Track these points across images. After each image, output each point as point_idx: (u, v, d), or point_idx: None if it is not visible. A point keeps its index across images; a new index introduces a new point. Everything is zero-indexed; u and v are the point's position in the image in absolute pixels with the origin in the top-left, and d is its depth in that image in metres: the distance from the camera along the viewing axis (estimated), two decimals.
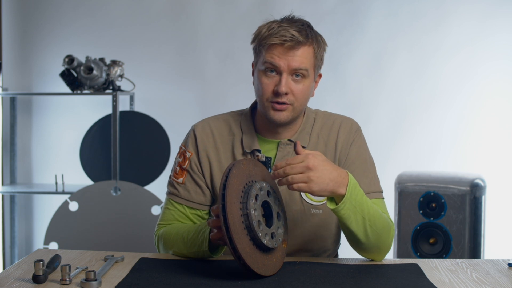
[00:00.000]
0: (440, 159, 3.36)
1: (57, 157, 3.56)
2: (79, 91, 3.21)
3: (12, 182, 3.49)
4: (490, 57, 3.29)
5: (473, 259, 1.60)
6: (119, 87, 3.28)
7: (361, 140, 1.67)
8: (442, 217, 2.58)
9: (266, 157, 1.60)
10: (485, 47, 3.29)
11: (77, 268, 1.40)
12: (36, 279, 1.30)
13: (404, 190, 2.65)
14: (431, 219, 2.61)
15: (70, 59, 3.12)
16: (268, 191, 1.42)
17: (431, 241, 2.62)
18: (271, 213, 1.41)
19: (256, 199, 1.36)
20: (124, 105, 3.45)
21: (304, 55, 1.52)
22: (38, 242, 3.58)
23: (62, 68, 3.19)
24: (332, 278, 1.36)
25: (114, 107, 3.19)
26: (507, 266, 1.50)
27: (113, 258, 1.49)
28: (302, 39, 1.51)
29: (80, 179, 3.39)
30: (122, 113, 3.30)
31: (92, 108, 3.51)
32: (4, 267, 3.41)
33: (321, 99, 2.69)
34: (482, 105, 3.31)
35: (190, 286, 1.29)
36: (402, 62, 3.38)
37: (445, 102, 3.35)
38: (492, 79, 3.29)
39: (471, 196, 2.55)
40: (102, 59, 3.20)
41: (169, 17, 3.50)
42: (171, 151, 3.28)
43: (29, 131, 3.58)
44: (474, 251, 2.58)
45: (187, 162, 1.65)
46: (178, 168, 1.66)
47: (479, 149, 3.32)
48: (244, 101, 1.87)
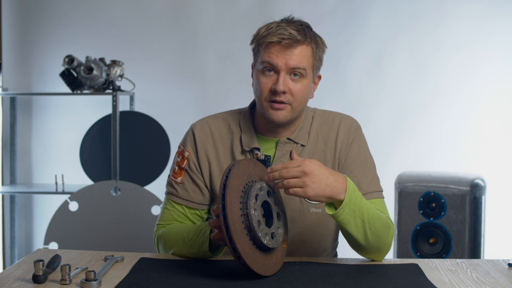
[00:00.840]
0: (440, 159, 3.36)
1: (57, 157, 3.56)
2: (79, 91, 3.21)
3: (12, 182, 3.49)
4: (490, 57, 3.28)
5: (473, 259, 1.60)
6: (119, 87, 3.28)
7: (361, 139, 1.66)
8: (442, 217, 2.58)
9: (265, 156, 1.59)
10: (485, 47, 3.29)
11: (77, 268, 1.39)
12: (36, 279, 1.30)
13: (404, 190, 2.65)
14: (431, 219, 2.60)
15: (70, 59, 3.12)
16: (268, 191, 1.42)
17: (431, 241, 2.62)
18: (271, 213, 1.41)
19: (256, 199, 1.36)
20: (124, 105, 3.45)
21: (302, 54, 1.52)
22: (38, 242, 3.58)
23: (62, 68, 3.19)
24: (332, 278, 1.36)
25: (114, 107, 3.19)
26: (507, 266, 1.50)
27: (113, 258, 1.49)
28: (300, 38, 1.50)
29: (80, 179, 3.39)
30: (122, 113, 3.30)
31: (92, 108, 3.51)
32: (4, 267, 3.40)
33: (321, 99, 2.68)
34: (482, 105, 3.31)
35: (190, 286, 1.29)
36: (402, 62, 3.38)
37: (445, 102, 3.35)
38: (492, 79, 3.29)
39: (471, 196, 2.55)
40: (102, 59, 3.20)
41: (169, 17, 3.50)
42: (171, 151, 3.28)
43: (29, 131, 3.58)
44: (474, 251, 2.58)
45: (186, 162, 1.65)
46: (177, 168, 1.66)
47: (479, 149, 3.31)
48: (244, 101, 1.87)
